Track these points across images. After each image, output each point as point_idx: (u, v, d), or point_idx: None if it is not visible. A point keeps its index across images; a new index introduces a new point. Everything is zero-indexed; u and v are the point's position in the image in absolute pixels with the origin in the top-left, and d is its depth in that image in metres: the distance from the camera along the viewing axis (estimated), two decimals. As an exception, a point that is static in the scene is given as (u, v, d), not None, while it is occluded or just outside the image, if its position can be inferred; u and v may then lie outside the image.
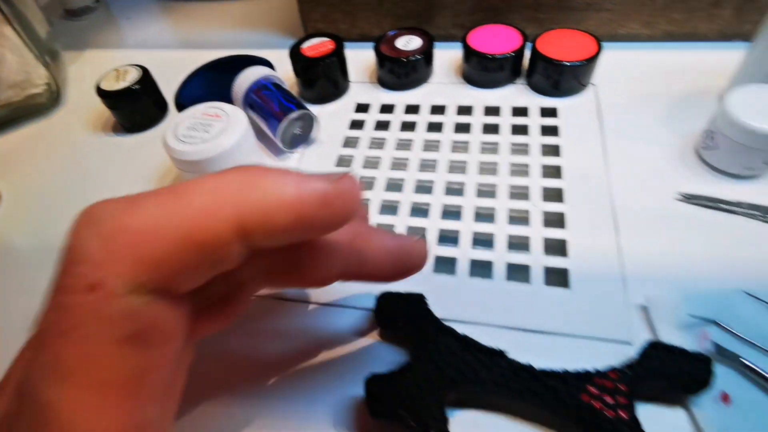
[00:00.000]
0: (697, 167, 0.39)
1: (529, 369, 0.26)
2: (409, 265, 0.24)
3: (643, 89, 0.46)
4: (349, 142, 0.45)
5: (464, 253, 0.35)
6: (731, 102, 0.35)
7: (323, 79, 0.48)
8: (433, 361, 0.27)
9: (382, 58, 0.48)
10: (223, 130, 0.36)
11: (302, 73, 0.48)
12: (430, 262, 0.35)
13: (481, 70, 0.48)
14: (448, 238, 0.36)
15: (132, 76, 0.48)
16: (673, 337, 0.29)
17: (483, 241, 0.36)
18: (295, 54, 0.47)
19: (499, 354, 0.27)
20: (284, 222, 0.16)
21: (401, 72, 0.49)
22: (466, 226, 0.37)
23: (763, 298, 0.30)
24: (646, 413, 0.26)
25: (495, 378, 0.26)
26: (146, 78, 0.49)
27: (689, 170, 0.38)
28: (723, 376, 0.27)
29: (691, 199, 0.36)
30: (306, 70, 0.47)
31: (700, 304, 0.30)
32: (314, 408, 0.29)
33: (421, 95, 0.49)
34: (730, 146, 0.36)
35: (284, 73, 0.50)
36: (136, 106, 0.48)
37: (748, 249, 0.33)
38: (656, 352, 0.27)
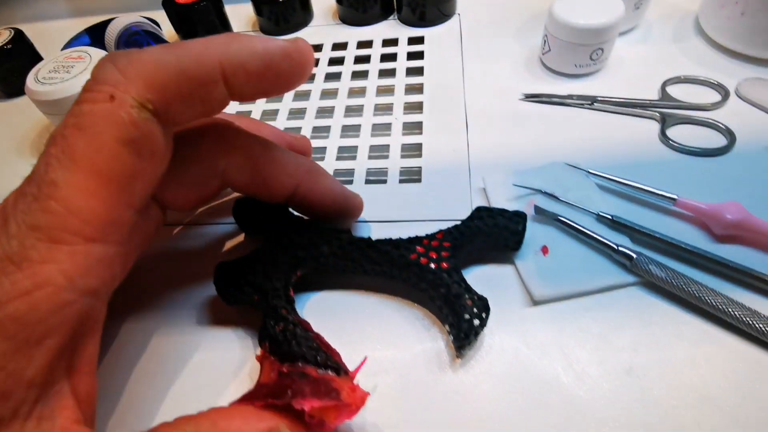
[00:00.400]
0: (538, 72, 0.43)
1: (367, 240, 0.28)
2: (346, 210, 0.30)
3: (501, 14, 0.50)
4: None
5: (329, 164, 0.38)
6: (557, 7, 0.39)
7: (200, 27, 0.49)
8: (279, 242, 0.28)
9: (258, 4, 0.50)
10: (84, 69, 0.37)
11: (179, 24, 0.49)
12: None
13: (354, 9, 0.50)
14: (315, 153, 0.39)
15: (3, 38, 0.47)
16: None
17: (347, 153, 0.39)
18: (168, 3, 0.48)
19: (344, 231, 0.29)
20: (256, 68, 0.21)
21: (279, 16, 0.50)
22: (332, 142, 0.39)
23: (580, 167, 0.34)
24: (480, 274, 0.30)
25: (335, 250, 0.28)
26: (20, 39, 0.48)
27: (532, 75, 0.43)
28: (544, 234, 0.31)
29: (531, 97, 0.40)
30: (180, 19, 0.48)
31: (528, 178, 0.34)
32: (180, 310, 0.30)
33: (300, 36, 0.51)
34: (560, 46, 0.40)
35: (168, 31, 0.51)
36: (9, 67, 0.48)
37: (575, 132, 0.37)
38: (479, 213, 0.29)
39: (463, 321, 0.25)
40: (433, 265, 0.27)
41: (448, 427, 0.24)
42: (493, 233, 0.29)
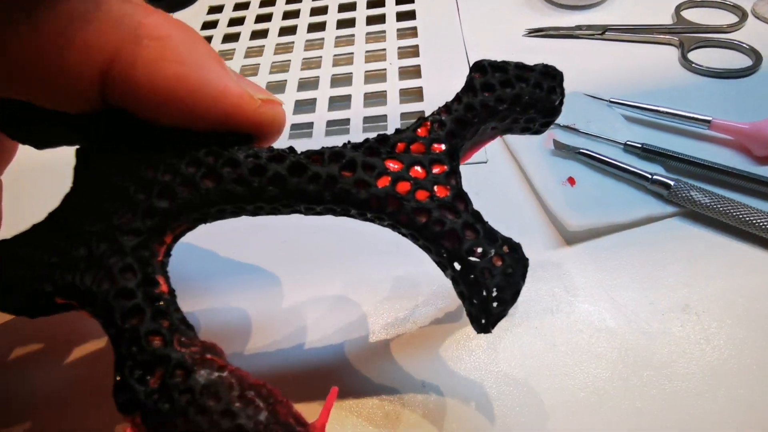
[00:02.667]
0: (540, 6, 0.39)
1: (289, 156, 0.16)
2: (238, 124, 0.17)
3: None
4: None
5: (321, 116, 0.34)
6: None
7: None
8: (105, 178, 0.15)
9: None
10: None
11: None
12: (286, 129, 0.33)
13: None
14: (304, 105, 0.35)
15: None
16: (522, 146, 0.29)
17: (340, 103, 0.35)
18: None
19: (240, 139, 0.16)
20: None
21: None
22: (322, 93, 0.36)
23: (601, 96, 0.31)
24: (491, 210, 0.19)
25: (228, 186, 0.15)
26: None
27: (534, 10, 0.39)
28: (567, 167, 0.28)
29: (536, 32, 0.37)
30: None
31: (545, 113, 0.30)
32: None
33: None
34: (564, -27, 0.36)
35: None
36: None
37: (589, 64, 0.34)
38: (484, 79, 0.17)
39: (487, 297, 0.15)
40: (421, 196, 0.15)
41: (485, 385, 0.21)
42: (509, 113, 0.17)
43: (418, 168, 0.16)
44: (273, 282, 0.25)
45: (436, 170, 0.16)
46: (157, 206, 0.15)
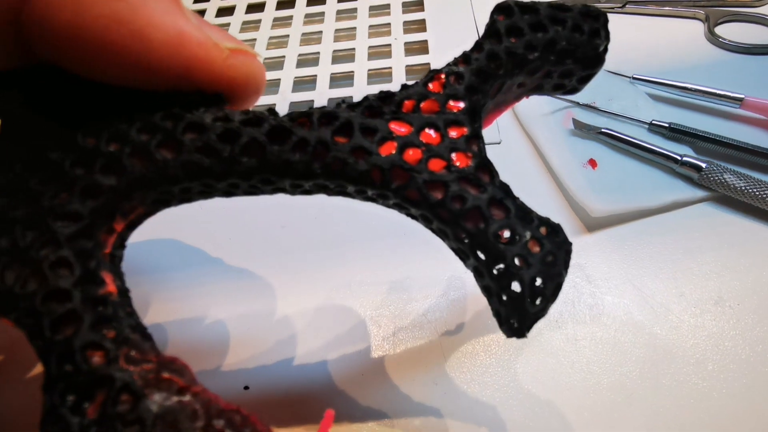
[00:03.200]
0: (557, -24, 0.37)
1: (270, 119, 0.13)
2: (200, 79, 0.13)
3: None
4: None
5: (322, 93, 0.32)
6: None
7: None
8: (36, 144, 0.12)
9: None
10: None
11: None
12: (284, 109, 0.31)
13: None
14: (304, 83, 0.33)
15: None
16: (539, 126, 0.27)
17: (341, 81, 0.33)
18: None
19: (203, 98, 0.13)
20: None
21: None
22: (323, 70, 0.33)
23: (622, 73, 0.29)
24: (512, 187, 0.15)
25: (192, 156, 0.12)
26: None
27: (550, -19, 0.37)
28: (586, 150, 0.26)
29: (552, 4, 0.34)
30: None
31: (563, 90, 0.28)
32: None
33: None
34: (582, -59, 0.34)
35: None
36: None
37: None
38: (509, 15, 0.14)
39: (522, 293, 0.12)
40: (435, 166, 0.13)
41: (507, 384, 0.19)
42: (542, 65, 0.14)
43: (430, 131, 0.13)
44: (256, 283, 0.23)
45: (453, 134, 0.13)
46: (102, 183, 0.12)
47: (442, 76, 0.13)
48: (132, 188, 0.12)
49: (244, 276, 0.23)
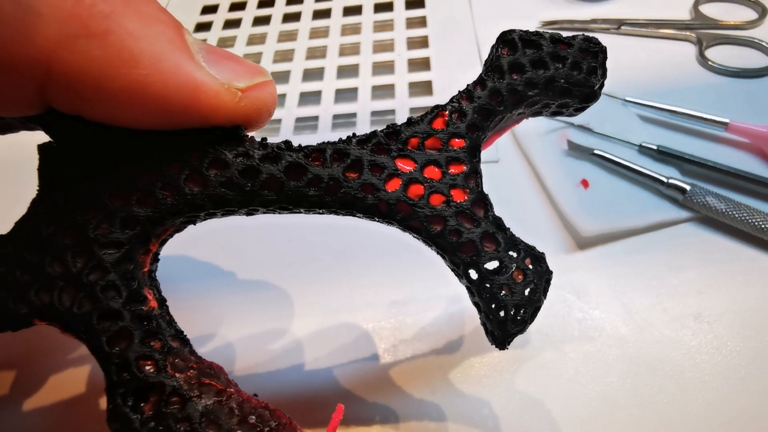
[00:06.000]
0: (556, -3, 0.38)
1: (284, 150, 0.14)
2: (208, 118, 0.14)
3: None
4: (202, 27, 0.41)
5: (325, 109, 0.33)
6: None
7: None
8: (83, 178, 0.14)
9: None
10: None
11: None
12: (290, 123, 0.33)
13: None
14: (308, 97, 0.34)
15: None
16: (535, 146, 0.29)
17: (346, 95, 0.34)
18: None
19: (226, 133, 0.14)
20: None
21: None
22: (328, 85, 0.35)
23: (616, 95, 0.30)
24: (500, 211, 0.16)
25: (214, 189, 0.14)
26: None
27: (551, 2, 0.38)
28: (579, 170, 0.27)
29: (551, 24, 0.36)
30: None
31: (558, 110, 0.30)
32: None
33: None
34: (580, -37, 0.35)
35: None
36: None
37: (603, 59, 0.33)
38: (513, 59, 0.15)
39: (505, 316, 0.14)
40: (435, 201, 0.14)
41: (500, 393, 0.21)
42: (540, 100, 0.15)
43: (433, 168, 0.14)
44: (264, 295, 0.24)
45: (453, 170, 0.14)
46: (138, 214, 0.13)
47: (446, 113, 0.15)
48: (164, 217, 0.14)
49: (252, 288, 0.25)
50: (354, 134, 0.15)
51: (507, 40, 0.15)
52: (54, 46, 0.11)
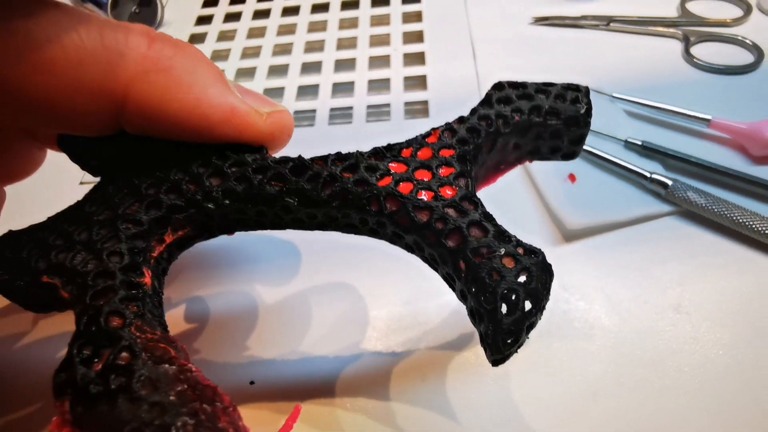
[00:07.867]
0: (548, -8, 0.39)
1: (293, 161, 0.16)
2: (247, 138, 0.18)
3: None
4: (203, 20, 0.42)
5: (322, 103, 0.34)
6: None
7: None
8: (123, 179, 0.16)
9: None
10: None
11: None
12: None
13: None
14: (305, 92, 0.35)
15: None
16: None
17: (342, 89, 0.35)
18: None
19: (248, 150, 0.16)
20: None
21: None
22: (325, 79, 0.35)
23: (604, 91, 0.31)
24: (490, 205, 0.17)
25: (232, 185, 0.16)
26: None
27: (542, -4, 0.39)
28: (569, 162, 0.28)
29: (542, 20, 0.36)
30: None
31: (548, 107, 0.31)
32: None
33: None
34: (572, -40, 0.36)
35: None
36: None
37: (592, 55, 0.34)
38: (502, 94, 0.17)
39: (501, 313, 0.13)
40: (425, 196, 0.15)
41: (478, 385, 0.22)
42: (529, 125, 0.17)
43: (423, 170, 0.16)
44: (265, 285, 0.25)
45: (442, 172, 0.15)
46: (163, 200, 0.16)
47: (438, 131, 0.17)
48: (185, 206, 0.16)
49: (243, 279, 0.25)
50: (358, 151, 0.16)
51: (498, 85, 0.18)
52: (131, 79, 0.15)
